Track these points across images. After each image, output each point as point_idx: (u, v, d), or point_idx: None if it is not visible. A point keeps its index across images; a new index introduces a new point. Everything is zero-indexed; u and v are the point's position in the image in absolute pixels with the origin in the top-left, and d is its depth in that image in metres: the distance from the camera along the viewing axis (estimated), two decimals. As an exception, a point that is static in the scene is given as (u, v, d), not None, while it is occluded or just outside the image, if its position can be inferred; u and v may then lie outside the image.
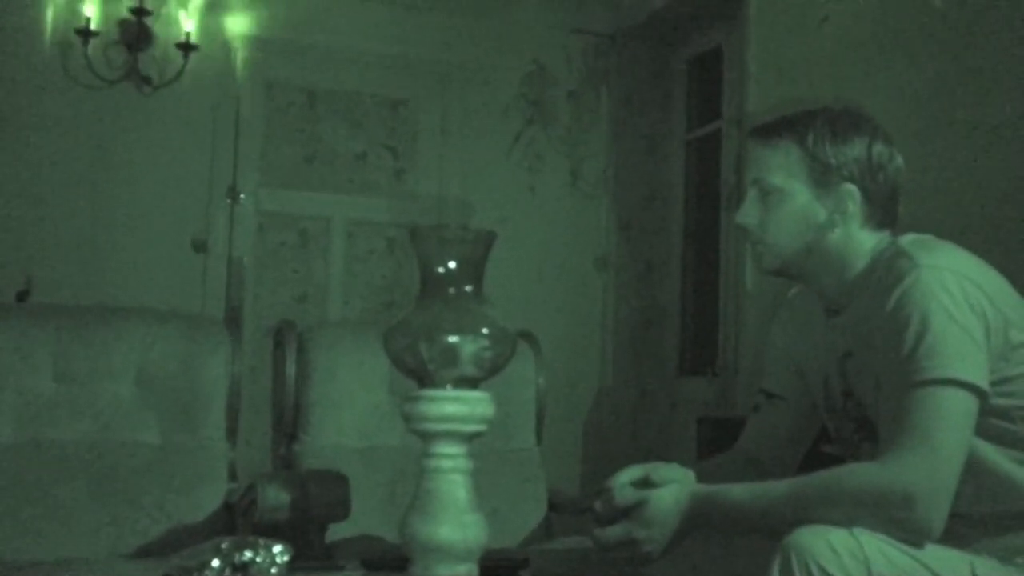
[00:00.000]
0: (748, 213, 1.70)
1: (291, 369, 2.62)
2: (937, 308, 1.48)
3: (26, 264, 3.96)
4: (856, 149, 1.65)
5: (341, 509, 2.10)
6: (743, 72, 4.06)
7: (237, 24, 4.34)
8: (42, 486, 2.35)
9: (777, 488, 1.52)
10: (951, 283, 1.50)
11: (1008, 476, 1.55)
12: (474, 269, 1.46)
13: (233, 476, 2.52)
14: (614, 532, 1.59)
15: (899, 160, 1.68)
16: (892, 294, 1.53)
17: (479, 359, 1.41)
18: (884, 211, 1.67)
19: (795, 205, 1.66)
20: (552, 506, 2.76)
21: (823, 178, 1.65)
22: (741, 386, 3.99)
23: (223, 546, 1.53)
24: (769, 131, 1.69)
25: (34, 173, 4.02)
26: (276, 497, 2.06)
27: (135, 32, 4.10)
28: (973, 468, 1.49)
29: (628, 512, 1.59)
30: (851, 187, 1.64)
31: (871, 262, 1.64)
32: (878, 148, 1.66)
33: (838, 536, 1.38)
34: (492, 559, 1.52)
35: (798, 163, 1.65)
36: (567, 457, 4.49)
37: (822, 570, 1.36)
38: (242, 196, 4.38)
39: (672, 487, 1.59)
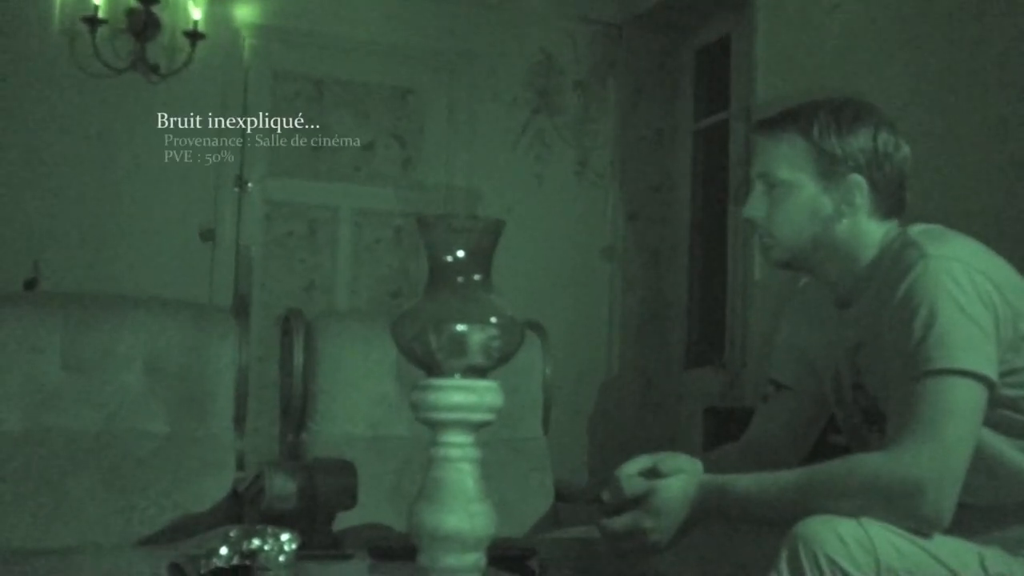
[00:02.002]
0: (755, 207, 1.69)
1: (299, 358, 2.62)
2: (946, 298, 1.47)
3: (34, 252, 3.97)
4: (861, 139, 1.64)
5: (348, 498, 2.10)
6: (751, 62, 4.05)
7: (244, 13, 4.33)
8: (50, 474, 2.35)
9: (785, 478, 1.51)
10: (960, 273, 1.49)
11: (1017, 467, 1.55)
12: (482, 258, 1.46)
13: (240, 465, 2.52)
14: (622, 522, 1.59)
15: (905, 149, 1.67)
16: (901, 284, 1.52)
17: (487, 348, 1.41)
18: (891, 201, 1.66)
19: (802, 197, 1.65)
20: (559, 496, 2.76)
21: (829, 169, 1.64)
22: (748, 377, 3.99)
23: (231, 534, 1.54)
24: (774, 124, 1.68)
25: (42, 162, 4.03)
26: (283, 486, 2.07)
27: (142, 21, 4.09)
28: (982, 459, 1.48)
29: (636, 502, 1.59)
30: (858, 178, 1.63)
31: (880, 252, 1.64)
32: (883, 137, 1.64)
33: (846, 526, 1.38)
34: (499, 548, 1.52)
35: (804, 155, 1.65)
36: (574, 447, 4.49)
37: (830, 560, 1.35)
38: (249, 185, 4.38)
39: (680, 477, 1.59)
